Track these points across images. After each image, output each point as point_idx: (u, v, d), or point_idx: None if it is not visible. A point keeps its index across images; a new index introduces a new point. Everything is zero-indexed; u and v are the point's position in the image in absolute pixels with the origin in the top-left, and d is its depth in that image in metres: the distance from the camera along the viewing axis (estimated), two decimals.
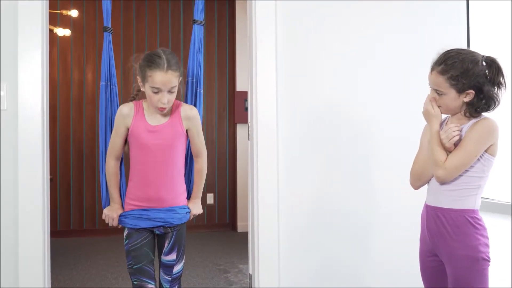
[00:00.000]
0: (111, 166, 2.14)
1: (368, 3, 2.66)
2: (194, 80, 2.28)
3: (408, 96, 2.65)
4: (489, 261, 1.79)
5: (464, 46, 2.69)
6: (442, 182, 1.82)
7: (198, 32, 2.33)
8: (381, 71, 2.69)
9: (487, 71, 1.78)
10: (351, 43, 2.65)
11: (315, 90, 2.61)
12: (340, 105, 2.64)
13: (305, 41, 2.59)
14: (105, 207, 2.23)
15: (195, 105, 2.27)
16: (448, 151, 1.80)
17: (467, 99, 1.79)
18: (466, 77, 1.76)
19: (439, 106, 1.85)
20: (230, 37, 6.09)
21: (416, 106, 2.16)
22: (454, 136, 1.78)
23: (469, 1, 2.77)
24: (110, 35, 2.20)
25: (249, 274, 2.64)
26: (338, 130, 2.64)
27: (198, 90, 2.27)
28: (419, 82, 2.13)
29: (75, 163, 5.73)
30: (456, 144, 1.80)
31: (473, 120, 1.81)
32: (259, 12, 2.50)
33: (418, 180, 1.97)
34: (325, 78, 2.63)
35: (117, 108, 2.16)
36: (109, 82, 2.18)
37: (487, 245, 1.80)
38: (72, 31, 5.62)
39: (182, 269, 2.22)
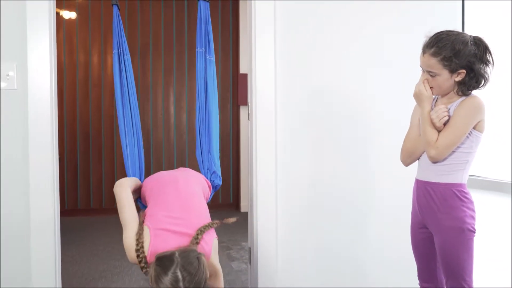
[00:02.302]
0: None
1: None
2: (203, 50, 2.31)
3: (404, 78, 2.70)
4: (474, 232, 1.89)
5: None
6: (435, 161, 1.90)
7: (204, 8, 2.33)
8: (376, 53, 2.75)
9: (476, 50, 1.86)
10: (348, 25, 2.71)
11: (312, 72, 2.67)
12: (337, 87, 2.70)
13: (304, 24, 2.64)
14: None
15: (206, 73, 2.29)
16: (438, 131, 1.89)
17: (458, 78, 1.87)
18: (458, 58, 1.83)
19: (431, 88, 1.93)
20: (233, 20, 6.14)
21: (411, 89, 2.26)
22: (444, 116, 1.87)
23: (465, 1, 2.82)
24: (118, 9, 2.26)
25: (249, 247, 2.75)
26: (334, 111, 2.70)
27: (207, 57, 2.30)
28: (415, 67, 2.20)
29: (81, 144, 5.85)
30: (445, 123, 1.89)
31: (461, 99, 1.90)
32: None
33: (408, 157, 2.06)
34: (322, 60, 2.68)
35: (131, 76, 2.20)
36: (121, 50, 2.24)
37: (472, 217, 1.90)
38: (78, 14, 5.70)
39: None
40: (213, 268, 1.73)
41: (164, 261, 1.56)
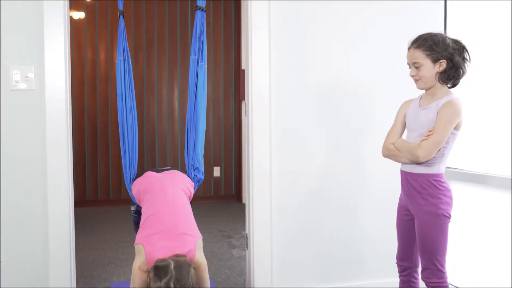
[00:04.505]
0: None
1: None
2: (196, 57, 2.48)
3: (395, 69, 2.87)
4: (449, 218, 2.10)
5: (442, 28, 2.96)
6: (423, 161, 2.07)
7: (200, 17, 2.50)
8: (369, 47, 2.93)
9: (455, 46, 2.12)
10: (338, 16, 2.89)
11: (306, 66, 2.84)
12: (329, 82, 2.88)
13: (298, 21, 2.81)
14: (127, 181, 2.45)
15: (197, 78, 2.47)
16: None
17: (440, 69, 2.10)
18: (438, 47, 2.08)
19: (418, 80, 2.14)
20: (235, 16, 6.32)
21: (402, 77, 2.46)
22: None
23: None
24: (123, 17, 2.46)
25: (246, 233, 2.96)
26: (327, 105, 2.88)
27: (199, 64, 2.47)
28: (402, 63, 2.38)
29: (89, 138, 6.06)
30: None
31: (443, 100, 2.09)
32: None
33: (388, 156, 2.27)
34: (315, 55, 2.85)
35: (132, 80, 2.39)
36: (127, 57, 2.44)
37: (448, 204, 2.11)
38: (85, 13, 5.91)
39: None
40: (197, 262, 1.95)
41: (160, 271, 1.81)
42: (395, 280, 2.88)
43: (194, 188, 2.44)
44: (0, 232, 2.51)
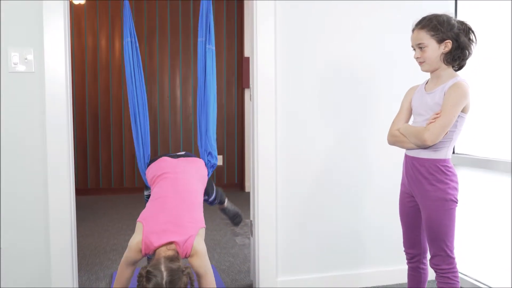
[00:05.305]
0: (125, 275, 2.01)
1: None
2: (203, 39, 2.46)
3: (404, 55, 2.80)
4: (456, 202, 2.05)
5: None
6: (430, 144, 2.01)
7: (206, 6, 2.47)
8: (372, 35, 2.89)
9: (460, 26, 2.04)
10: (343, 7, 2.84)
11: (314, 51, 2.79)
12: (336, 67, 2.83)
13: (303, 8, 2.76)
14: (141, 164, 2.43)
15: (205, 61, 2.45)
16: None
17: (446, 49, 2.03)
18: (443, 27, 2.01)
19: (422, 62, 2.08)
20: (238, 4, 6.26)
21: (410, 64, 2.40)
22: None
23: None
24: (128, 2, 2.43)
25: (250, 220, 2.93)
26: (332, 92, 2.84)
27: (207, 47, 2.45)
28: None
29: (91, 125, 6.02)
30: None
31: (449, 83, 2.04)
32: None
33: (393, 143, 2.21)
34: (322, 39, 2.81)
35: (140, 62, 2.38)
36: (134, 39, 2.41)
37: (455, 189, 2.06)
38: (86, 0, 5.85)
39: (215, 195, 2.59)
40: (194, 249, 1.91)
41: (152, 274, 1.76)
42: (400, 268, 2.87)
43: (208, 174, 2.42)
44: (0, 220, 2.47)
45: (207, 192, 2.52)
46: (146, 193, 2.48)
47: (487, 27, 2.71)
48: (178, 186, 2.13)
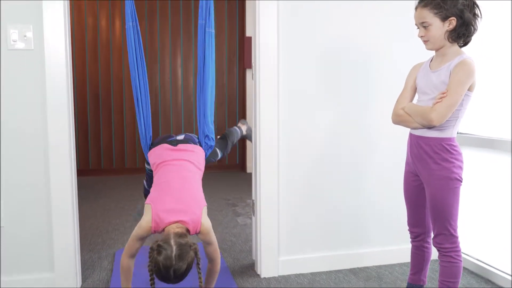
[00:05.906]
0: (125, 264, 2.10)
1: None
2: (203, 22, 2.44)
3: (408, 32, 2.78)
4: (461, 181, 2.04)
5: None
6: (436, 124, 1.97)
7: None
8: (375, 13, 2.85)
9: (465, 1, 1.99)
10: None
11: (315, 30, 2.75)
12: (335, 45, 2.79)
13: None
14: (143, 144, 2.46)
15: (205, 45, 2.43)
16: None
17: (450, 27, 1.98)
18: (447, 4, 1.96)
19: (427, 41, 2.05)
20: None
21: (413, 41, 2.36)
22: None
23: None
24: None
25: (252, 200, 2.92)
26: (334, 71, 2.80)
27: (207, 30, 2.43)
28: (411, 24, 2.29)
29: (91, 106, 5.99)
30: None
31: (454, 61, 2.00)
32: None
33: (398, 123, 2.17)
34: (325, 17, 2.76)
35: (141, 44, 2.36)
36: (135, 22, 2.38)
37: (460, 168, 2.04)
38: None
39: (220, 154, 2.74)
40: (203, 226, 2.05)
41: (163, 247, 1.86)
42: (402, 247, 2.88)
43: (205, 155, 2.48)
44: (0, 199, 2.46)
45: (221, 150, 2.77)
46: (147, 166, 2.54)
47: (491, 6, 2.66)
48: (180, 172, 2.24)
